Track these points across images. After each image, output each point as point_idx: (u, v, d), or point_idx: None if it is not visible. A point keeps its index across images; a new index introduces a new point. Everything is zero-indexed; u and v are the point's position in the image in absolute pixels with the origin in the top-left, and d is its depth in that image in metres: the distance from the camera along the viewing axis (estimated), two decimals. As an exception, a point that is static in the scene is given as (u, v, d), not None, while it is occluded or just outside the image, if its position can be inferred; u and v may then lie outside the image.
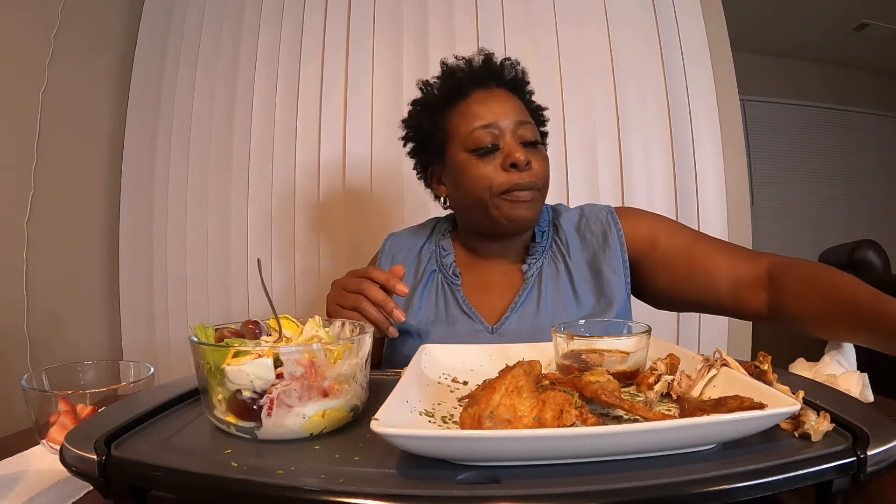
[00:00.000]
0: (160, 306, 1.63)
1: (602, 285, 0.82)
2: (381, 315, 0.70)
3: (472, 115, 0.80)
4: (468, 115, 0.81)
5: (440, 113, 0.84)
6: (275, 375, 0.41)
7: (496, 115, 0.79)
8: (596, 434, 0.35)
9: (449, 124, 0.83)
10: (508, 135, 0.79)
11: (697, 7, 1.48)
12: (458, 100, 0.83)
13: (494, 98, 0.81)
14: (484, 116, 0.79)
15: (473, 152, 0.79)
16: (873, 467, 0.33)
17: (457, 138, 0.81)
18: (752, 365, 0.47)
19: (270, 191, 1.57)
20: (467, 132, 0.80)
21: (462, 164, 0.80)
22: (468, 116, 0.80)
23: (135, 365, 0.60)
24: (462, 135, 0.80)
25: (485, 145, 0.78)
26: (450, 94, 0.84)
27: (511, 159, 0.77)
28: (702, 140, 1.45)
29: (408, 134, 0.91)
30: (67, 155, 1.53)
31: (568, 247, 0.85)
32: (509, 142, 0.78)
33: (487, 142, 0.78)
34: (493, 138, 0.78)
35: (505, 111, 0.80)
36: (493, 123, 0.79)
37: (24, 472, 0.47)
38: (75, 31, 1.53)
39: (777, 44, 3.26)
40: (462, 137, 0.80)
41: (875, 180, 3.58)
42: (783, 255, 0.76)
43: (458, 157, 0.81)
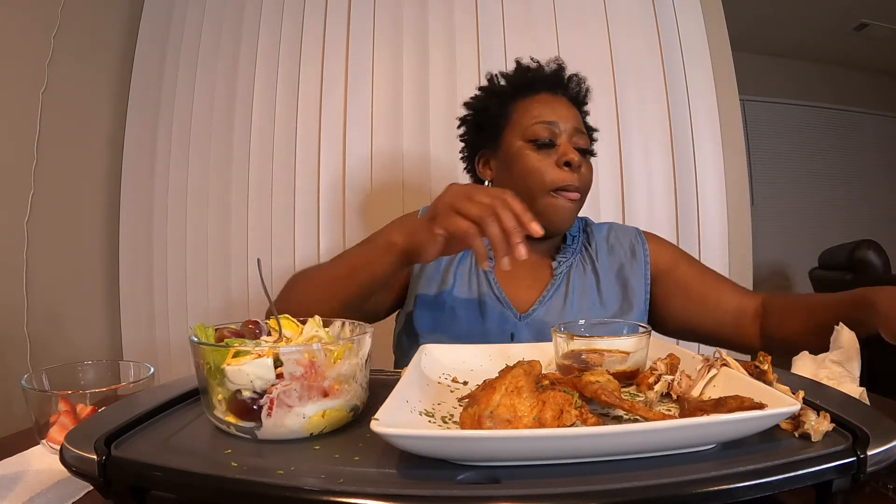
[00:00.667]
0: (160, 306, 1.63)
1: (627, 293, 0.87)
2: (503, 239, 0.60)
3: (536, 109, 0.85)
4: (532, 108, 0.85)
5: (506, 101, 0.88)
6: (275, 375, 0.41)
7: (558, 116, 0.84)
8: (596, 434, 0.35)
9: (512, 113, 0.87)
10: (565, 136, 0.84)
11: (697, 7, 1.48)
12: (524, 94, 0.87)
13: (558, 102, 0.87)
14: (546, 114, 0.84)
15: (531, 142, 0.83)
16: (873, 467, 0.33)
17: (517, 127, 0.85)
18: (752, 365, 0.47)
19: (270, 191, 1.57)
20: (529, 123, 0.84)
21: (517, 151, 0.84)
22: (532, 110, 0.85)
23: (135, 365, 0.60)
24: (523, 125, 0.85)
25: (543, 138, 0.83)
26: (518, 87, 0.89)
27: (566, 158, 0.81)
28: (702, 140, 1.45)
29: (467, 116, 0.95)
30: (67, 155, 1.53)
31: (597, 253, 0.90)
32: (565, 142, 0.83)
33: (546, 136, 0.83)
34: (551, 135, 0.83)
35: (566, 116, 0.85)
36: (554, 122, 0.84)
37: (24, 472, 0.47)
38: (75, 31, 1.53)
39: (777, 44, 3.26)
40: (523, 127, 0.84)
41: (875, 180, 3.58)
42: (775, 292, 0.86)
43: (514, 144, 0.85)
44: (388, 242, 0.70)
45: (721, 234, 1.44)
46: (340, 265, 0.77)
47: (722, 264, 1.44)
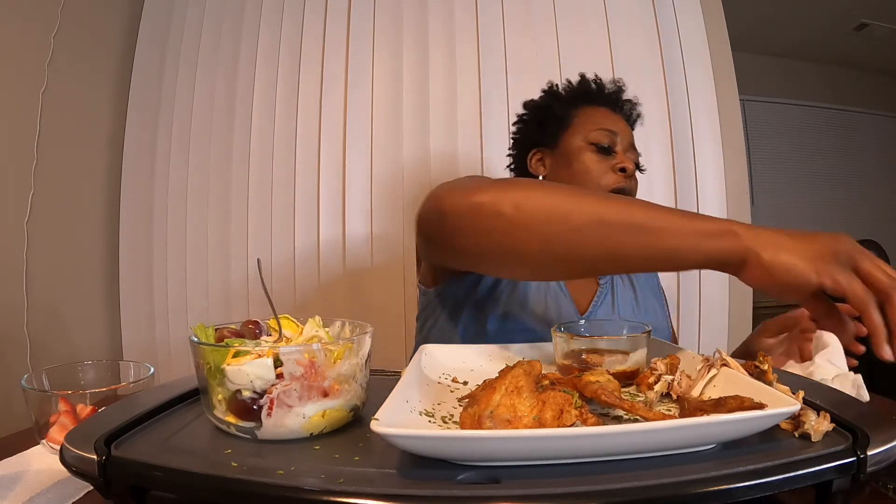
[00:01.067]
0: (160, 306, 1.63)
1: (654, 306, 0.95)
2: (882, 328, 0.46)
3: (599, 117, 0.90)
4: (596, 116, 0.90)
5: (570, 105, 0.93)
6: (275, 375, 0.41)
7: (618, 128, 0.89)
8: (596, 434, 0.35)
9: (574, 117, 0.91)
10: (621, 148, 0.89)
11: (697, 7, 1.48)
12: (588, 102, 0.92)
13: (617, 118, 0.92)
14: (608, 124, 0.89)
15: (593, 145, 0.87)
16: (873, 467, 0.33)
17: (579, 130, 0.89)
18: (752, 365, 0.47)
19: (270, 191, 1.57)
20: (592, 128, 0.88)
21: (578, 152, 0.88)
22: (596, 117, 0.90)
23: (135, 365, 0.60)
24: (586, 129, 0.89)
25: (604, 143, 0.87)
26: (583, 95, 0.94)
27: (623, 164, 0.86)
28: (702, 140, 1.45)
29: (527, 114, 0.98)
30: (67, 155, 1.53)
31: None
32: (622, 152, 0.88)
33: (606, 143, 0.87)
34: (611, 142, 0.88)
35: (624, 131, 0.90)
36: (614, 132, 0.88)
37: (24, 472, 0.47)
38: (75, 31, 1.53)
39: (777, 44, 3.26)
40: (585, 131, 0.89)
41: (875, 180, 3.58)
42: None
43: (575, 145, 0.89)
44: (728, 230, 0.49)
45: (721, 234, 1.44)
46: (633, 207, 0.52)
47: (721, 277, 1.44)
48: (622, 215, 0.50)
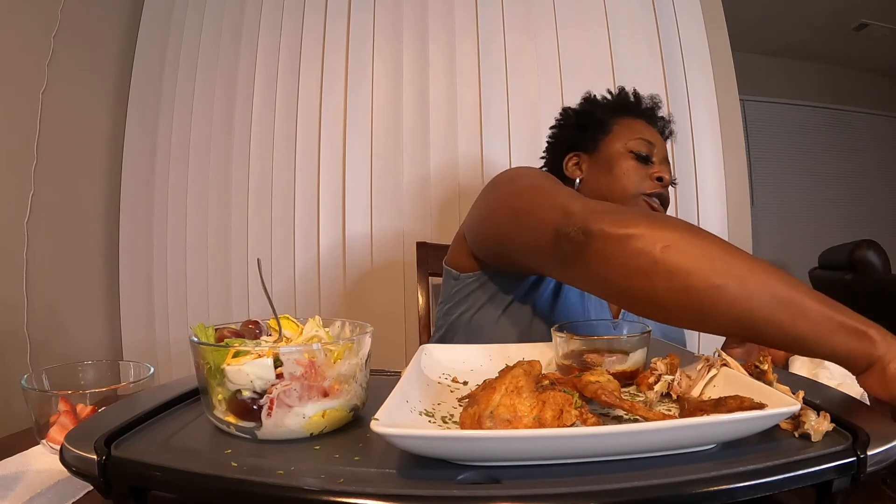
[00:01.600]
0: (160, 306, 1.63)
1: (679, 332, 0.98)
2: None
3: (638, 127, 0.93)
4: (636, 126, 0.93)
5: (611, 113, 0.95)
6: (275, 375, 0.41)
7: (657, 141, 0.93)
8: (596, 434, 0.35)
9: (614, 125, 0.94)
10: (659, 160, 0.91)
11: (697, 7, 1.48)
12: (628, 114, 0.95)
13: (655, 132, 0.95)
14: (647, 135, 0.92)
15: (632, 153, 0.90)
16: (873, 467, 0.33)
17: (620, 137, 0.92)
18: (752, 365, 0.47)
19: (270, 191, 1.57)
20: (633, 136, 0.91)
21: (618, 158, 0.90)
22: (636, 127, 0.93)
23: (135, 365, 0.60)
24: (626, 137, 0.91)
25: (643, 152, 0.90)
26: (622, 106, 0.97)
27: (660, 174, 0.89)
28: (702, 140, 1.45)
29: (568, 118, 1.00)
30: (67, 155, 1.53)
31: None
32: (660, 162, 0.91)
33: (645, 151, 0.90)
34: (649, 152, 0.90)
35: (661, 145, 0.93)
36: (653, 143, 0.91)
37: (24, 472, 0.47)
38: (75, 31, 1.53)
39: (777, 44, 3.26)
40: (626, 138, 0.91)
41: (874, 180, 3.58)
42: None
43: (615, 150, 0.91)
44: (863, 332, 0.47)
45: (721, 235, 1.44)
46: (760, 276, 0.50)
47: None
48: (767, 286, 0.49)
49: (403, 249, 1.51)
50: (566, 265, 0.60)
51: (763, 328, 0.49)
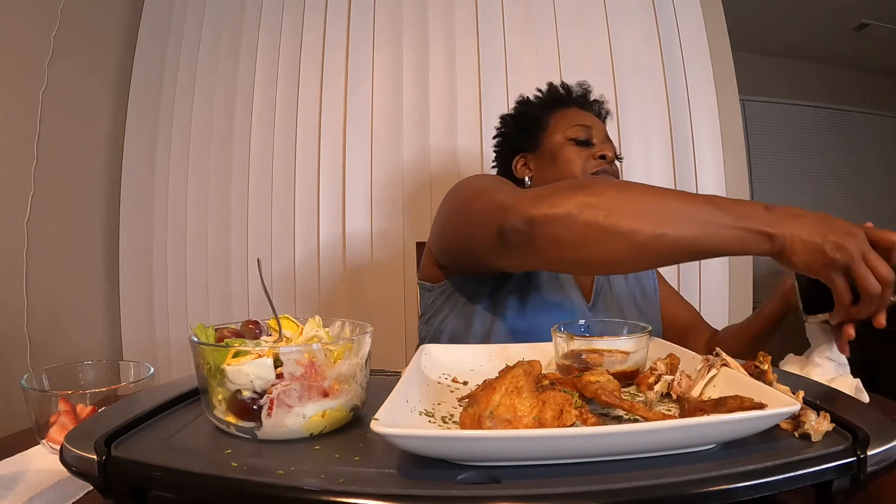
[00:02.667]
0: (160, 306, 1.63)
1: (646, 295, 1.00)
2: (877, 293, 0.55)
3: (574, 116, 0.96)
4: (571, 115, 0.97)
5: (545, 111, 0.99)
6: (275, 375, 0.41)
7: (593, 124, 0.96)
8: (596, 434, 0.35)
9: (551, 120, 0.97)
10: (599, 140, 0.95)
11: (697, 7, 1.48)
12: (561, 106, 0.99)
13: (591, 116, 0.99)
14: (583, 121, 0.95)
15: (572, 140, 0.93)
16: (873, 467, 0.34)
17: (557, 129, 0.96)
18: (752, 365, 0.47)
19: (270, 191, 1.57)
20: (570, 125, 0.95)
21: (560, 148, 0.94)
22: (571, 116, 0.96)
23: (135, 365, 0.60)
24: (563, 127, 0.95)
25: (582, 137, 0.93)
26: (555, 100, 1.00)
27: (602, 152, 0.92)
28: (702, 140, 1.45)
29: (508, 123, 1.04)
30: (67, 155, 1.53)
31: None
32: (600, 142, 0.94)
33: (584, 136, 0.93)
34: (588, 136, 0.94)
35: (598, 126, 0.97)
36: (590, 126, 0.95)
37: (24, 472, 0.47)
38: (75, 31, 1.53)
39: (777, 44, 3.26)
40: (563, 129, 0.95)
41: (874, 180, 3.58)
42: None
43: (556, 142, 0.95)
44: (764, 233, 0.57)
45: (721, 234, 1.44)
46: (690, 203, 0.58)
47: (722, 264, 1.44)
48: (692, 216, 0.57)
49: (403, 249, 1.51)
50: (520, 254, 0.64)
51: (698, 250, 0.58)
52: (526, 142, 0.99)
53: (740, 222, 0.57)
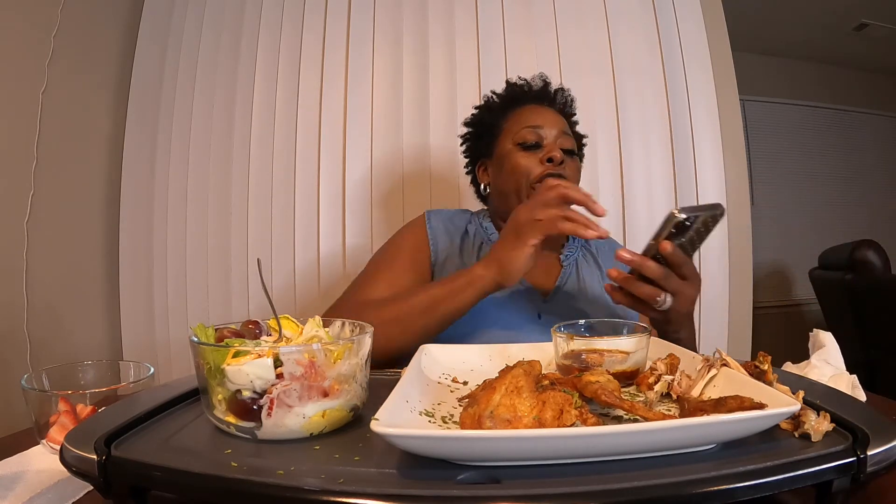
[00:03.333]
0: (160, 306, 1.63)
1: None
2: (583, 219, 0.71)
3: (524, 118, 0.95)
4: (521, 117, 0.95)
5: (498, 114, 0.99)
6: (275, 375, 0.41)
7: (545, 121, 0.94)
8: (596, 434, 0.35)
9: (504, 124, 0.97)
10: (551, 138, 0.93)
11: (697, 7, 1.48)
12: (515, 107, 0.98)
13: (545, 111, 0.97)
14: (534, 121, 0.94)
15: (519, 145, 0.93)
16: (873, 467, 0.34)
17: (508, 134, 0.95)
18: (752, 365, 0.47)
19: (270, 191, 1.57)
20: (518, 129, 0.94)
21: (507, 154, 0.94)
22: (521, 118, 0.95)
23: (135, 365, 0.60)
24: (514, 131, 0.94)
25: (530, 141, 0.92)
26: (509, 101, 1.00)
27: (549, 154, 0.90)
28: (702, 140, 1.45)
29: (468, 129, 1.05)
30: (67, 155, 1.53)
31: (597, 250, 1.02)
32: (551, 143, 0.92)
33: (532, 139, 0.92)
34: (537, 138, 0.92)
35: (552, 122, 0.94)
36: (540, 126, 0.93)
37: (24, 472, 0.47)
38: (75, 31, 1.53)
39: (777, 44, 3.26)
40: (512, 133, 0.94)
41: (875, 180, 3.58)
42: None
43: (506, 149, 0.95)
44: (474, 277, 0.76)
45: (721, 235, 1.44)
46: (416, 299, 0.79)
47: (722, 264, 1.44)
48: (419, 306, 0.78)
49: (403, 249, 1.51)
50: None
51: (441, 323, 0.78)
52: (483, 148, 1.01)
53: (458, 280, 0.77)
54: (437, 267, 0.95)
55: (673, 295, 0.67)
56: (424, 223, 0.99)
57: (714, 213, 0.64)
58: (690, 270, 0.68)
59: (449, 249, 0.96)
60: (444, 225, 0.99)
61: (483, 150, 1.01)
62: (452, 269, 0.93)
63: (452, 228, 0.99)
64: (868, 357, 2.30)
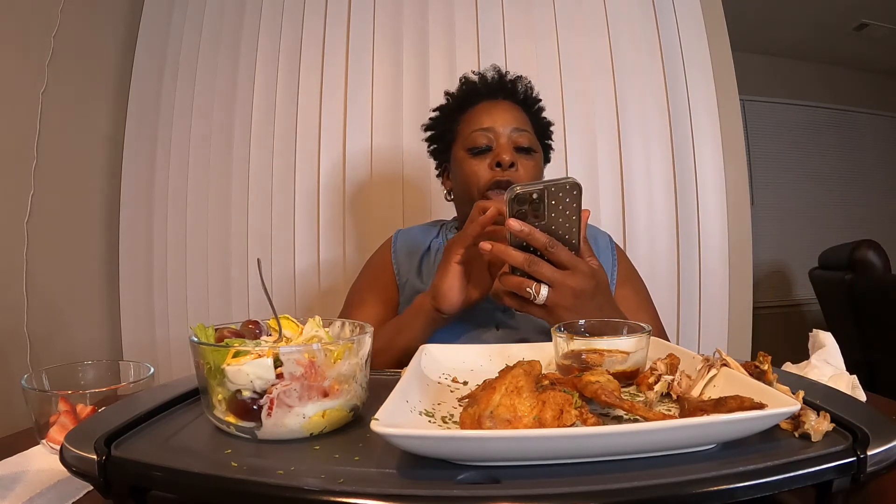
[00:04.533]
0: (160, 306, 1.63)
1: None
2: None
3: (475, 119, 0.90)
4: (472, 119, 0.91)
5: (452, 117, 0.95)
6: (275, 375, 0.41)
7: (495, 121, 0.89)
8: (596, 434, 0.35)
9: (457, 127, 0.94)
10: (503, 139, 0.88)
11: (697, 7, 1.48)
12: (468, 107, 0.93)
13: (498, 108, 0.91)
14: (484, 122, 0.89)
15: (469, 151, 0.89)
16: (873, 467, 0.33)
17: (460, 139, 0.92)
18: (752, 365, 0.47)
19: (270, 191, 1.57)
20: (468, 133, 0.90)
21: (459, 161, 0.91)
22: (472, 121, 0.91)
23: (135, 365, 0.60)
24: (465, 135, 0.91)
25: (479, 145, 0.88)
26: (462, 102, 0.95)
27: (497, 159, 0.85)
28: (702, 140, 1.45)
29: (428, 135, 1.01)
30: (67, 155, 1.53)
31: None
32: (502, 144, 0.87)
33: (482, 143, 0.88)
34: (487, 141, 0.88)
35: (504, 119, 0.89)
36: (490, 128, 0.88)
37: (24, 472, 0.47)
38: (75, 31, 1.53)
39: (777, 44, 3.26)
40: (463, 138, 0.91)
41: (875, 180, 3.58)
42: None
43: (457, 155, 0.92)
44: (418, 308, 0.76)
45: (721, 234, 1.44)
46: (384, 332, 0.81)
47: (722, 264, 1.44)
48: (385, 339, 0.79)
49: (403, 249, 1.51)
50: None
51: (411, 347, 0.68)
52: (442, 154, 0.98)
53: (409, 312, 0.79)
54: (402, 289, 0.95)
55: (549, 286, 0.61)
56: (391, 246, 0.99)
57: (564, 185, 0.58)
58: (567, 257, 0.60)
59: (409, 271, 0.94)
60: (408, 246, 0.98)
61: (444, 155, 0.98)
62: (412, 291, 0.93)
63: (414, 248, 0.98)
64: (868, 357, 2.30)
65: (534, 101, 0.98)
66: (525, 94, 0.96)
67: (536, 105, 0.98)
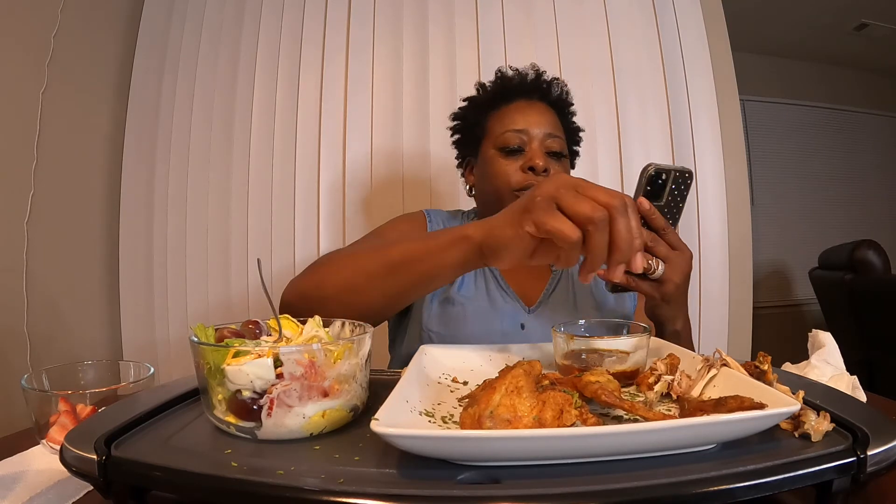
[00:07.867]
0: (160, 306, 1.63)
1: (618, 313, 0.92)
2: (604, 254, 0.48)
3: (508, 118, 0.89)
4: (506, 118, 0.89)
5: (483, 112, 0.93)
6: (275, 375, 0.41)
7: (529, 123, 0.88)
8: (596, 434, 0.35)
9: (488, 123, 0.92)
10: (536, 142, 0.87)
11: (697, 7, 1.48)
12: (501, 104, 0.92)
13: (533, 109, 0.90)
14: (518, 122, 0.88)
15: (501, 150, 0.88)
16: (873, 467, 0.33)
17: (491, 136, 0.90)
18: (752, 365, 0.47)
19: (270, 191, 1.57)
20: (500, 132, 0.88)
21: (489, 159, 0.89)
22: (505, 119, 0.89)
23: (135, 365, 0.60)
24: (496, 134, 0.89)
25: (512, 146, 0.87)
26: (496, 97, 0.93)
27: (531, 163, 0.85)
28: (702, 140, 1.45)
29: (454, 125, 1.00)
30: (67, 155, 1.53)
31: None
32: (534, 148, 0.86)
33: (515, 143, 0.87)
34: (520, 142, 0.87)
35: (538, 122, 0.88)
36: (524, 129, 0.87)
37: (24, 472, 0.47)
38: (75, 31, 1.53)
39: (777, 44, 3.26)
40: (495, 136, 0.89)
41: (875, 180, 3.58)
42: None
43: (487, 153, 0.90)
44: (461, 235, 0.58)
45: (721, 234, 1.44)
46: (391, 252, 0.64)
47: (722, 264, 1.44)
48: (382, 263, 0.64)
49: (403, 249, 1.51)
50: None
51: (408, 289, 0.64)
52: (469, 148, 0.96)
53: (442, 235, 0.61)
54: None
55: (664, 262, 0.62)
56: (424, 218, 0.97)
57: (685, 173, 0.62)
58: (676, 239, 0.64)
59: None
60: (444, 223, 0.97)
61: (470, 150, 0.97)
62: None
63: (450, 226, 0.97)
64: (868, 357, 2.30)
65: (566, 104, 0.96)
66: (559, 98, 0.95)
67: (569, 109, 0.97)
